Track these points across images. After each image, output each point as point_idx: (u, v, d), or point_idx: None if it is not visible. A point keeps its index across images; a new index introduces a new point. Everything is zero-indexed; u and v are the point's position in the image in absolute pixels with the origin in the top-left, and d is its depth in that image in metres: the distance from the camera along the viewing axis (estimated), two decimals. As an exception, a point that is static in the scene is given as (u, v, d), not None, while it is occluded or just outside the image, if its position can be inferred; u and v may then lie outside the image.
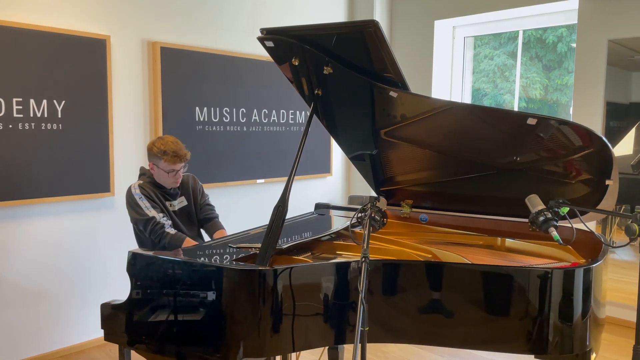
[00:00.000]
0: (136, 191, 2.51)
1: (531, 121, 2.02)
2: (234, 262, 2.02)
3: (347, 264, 1.95)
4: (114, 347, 3.55)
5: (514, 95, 4.98)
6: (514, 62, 5.02)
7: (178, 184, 2.64)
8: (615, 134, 4.08)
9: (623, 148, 4.05)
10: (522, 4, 4.35)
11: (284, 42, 2.12)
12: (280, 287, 1.86)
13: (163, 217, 2.48)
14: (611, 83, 4.07)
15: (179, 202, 2.67)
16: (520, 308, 1.91)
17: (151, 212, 2.47)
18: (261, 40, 2.13)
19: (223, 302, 1.87)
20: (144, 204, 2.48)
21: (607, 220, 4.19)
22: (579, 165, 2.31)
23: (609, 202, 2.30)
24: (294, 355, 2.77)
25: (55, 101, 3.23)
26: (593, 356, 2.01)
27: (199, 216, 2.82)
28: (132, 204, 2.52)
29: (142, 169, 2.70)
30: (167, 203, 2.59)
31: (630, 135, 4.01)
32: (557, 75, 4.95)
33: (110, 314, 2.10)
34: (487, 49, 5.28)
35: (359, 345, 1.57)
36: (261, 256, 1.94)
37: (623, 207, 4.06)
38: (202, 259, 2.06)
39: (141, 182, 2.59)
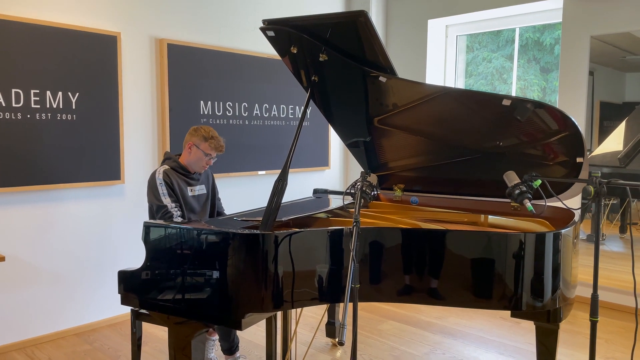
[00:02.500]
0: (159, 176, 2.73)
1: (506, 102, 2.22)
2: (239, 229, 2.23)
3: (340, 230, 2.16)
4: (125, 325, 3.76)
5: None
6: (511, 65, 5.15)
7: (202, 171, 2.89)
8: (609, 134, 4.20)
9: (613, 143, 4.18)
10: (512, 3, 4.57)
11: (283, 31, 2.33)
12: (281, 250, 2.07)
13: (175, 207, 2.70)
14: (605, 83, 4.21)
15: (199, 189, 2.91)
16: (498, 269, 2.11)
17: (166, 200, 2.69)
18: (263, 30, 2.35)
19: (228, 265, 2.08)
20: (162, 190, 2.71)
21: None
22: (556, 148, 2.51)
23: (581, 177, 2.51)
24: (293, 322, 2.97)
25: (69, 93, 3.45)
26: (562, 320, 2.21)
27: (212, 208, 3.06)
28: (152, 187, 2.74)
29: (166, 153, 2.93)
30: (189, 188, 2.82)
31: (620, 130, 4.18)
32: (555, 77, 5.00)
33: (127, 279, 2.30)
34: (485, 52, 5.39)
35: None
36: (264, 223, 2.14)
37: (612, 200, 4.25)
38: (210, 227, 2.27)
39: (167, 167, 2.81)
